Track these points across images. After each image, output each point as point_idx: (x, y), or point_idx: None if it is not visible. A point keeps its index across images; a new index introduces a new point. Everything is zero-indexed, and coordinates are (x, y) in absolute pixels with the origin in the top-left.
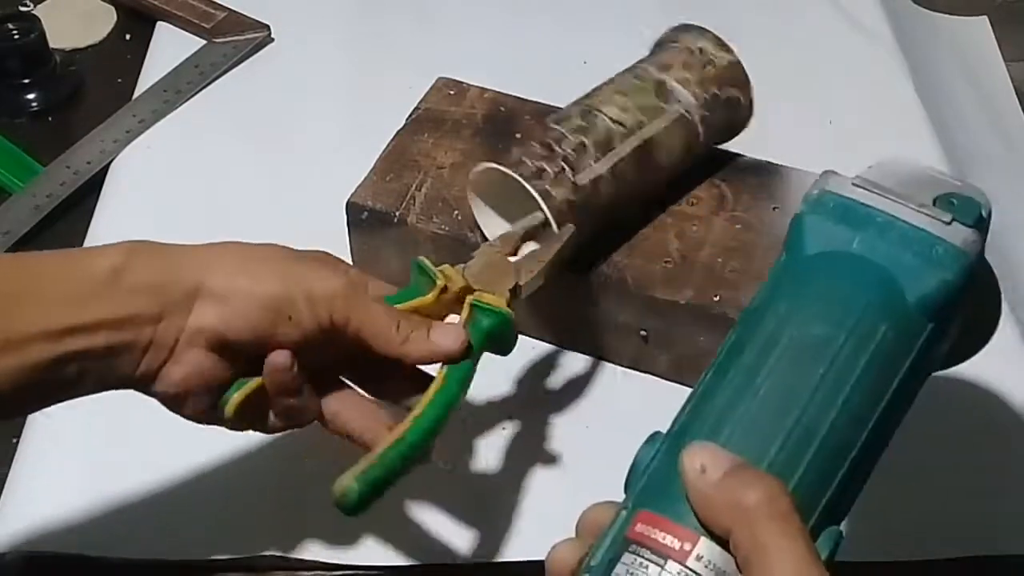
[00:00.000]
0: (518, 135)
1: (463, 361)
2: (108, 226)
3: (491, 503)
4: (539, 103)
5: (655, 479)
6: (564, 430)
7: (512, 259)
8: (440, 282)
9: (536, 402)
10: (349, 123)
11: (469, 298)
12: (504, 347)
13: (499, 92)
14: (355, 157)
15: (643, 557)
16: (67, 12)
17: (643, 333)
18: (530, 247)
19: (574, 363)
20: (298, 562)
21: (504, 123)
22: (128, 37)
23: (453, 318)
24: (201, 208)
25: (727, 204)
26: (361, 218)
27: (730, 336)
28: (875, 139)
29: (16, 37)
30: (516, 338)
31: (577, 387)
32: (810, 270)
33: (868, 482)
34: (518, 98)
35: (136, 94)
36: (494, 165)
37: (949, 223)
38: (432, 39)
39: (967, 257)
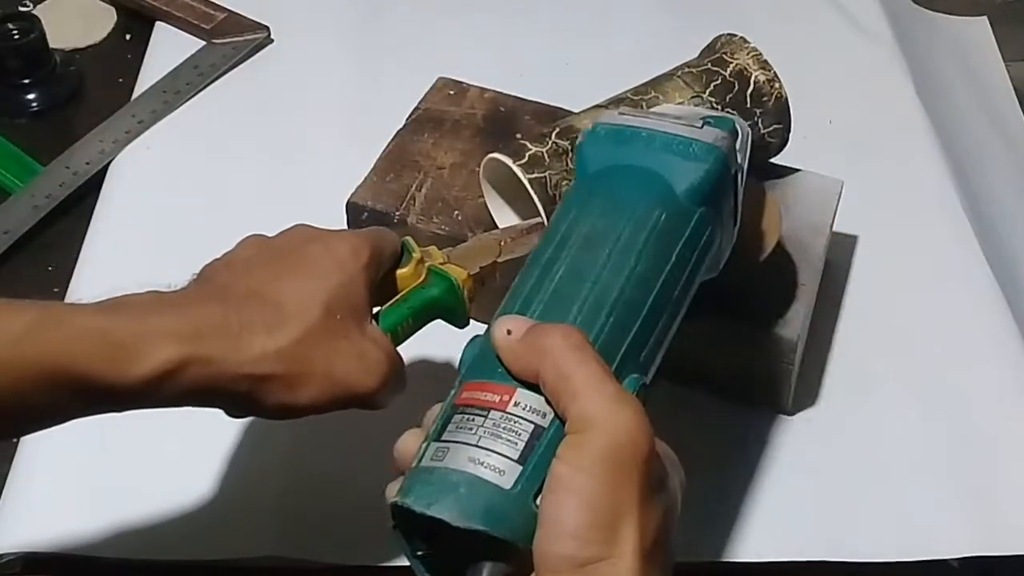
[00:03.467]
0: (518, 135)
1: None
2: (107, 227)
3: None
4: (539, 103)
5: (475, 360)
6: None
7: (500, 242)
8: (416, 255)
9: None
10: (349, 123)
11: (428, 263)
12: (453, 316)
13: (499, 92)
14: (355, 157)
15: (469, 414)
16: (67, 12)
17: None
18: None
19: None
20: (298, 562)
21: (504, 123)
22: (128, 37)
23: None
24: (200, 209)
25: None
26: (361, 218)
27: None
28: (875, 139)
29: (16, 37)
30: (466, 309)
31: None
32: (592, 183)
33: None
34: (518, 98)
35: (135, 95)
36: (498, 156)
37: (701, 127)
38: (432, 39)
39: (719, 150)
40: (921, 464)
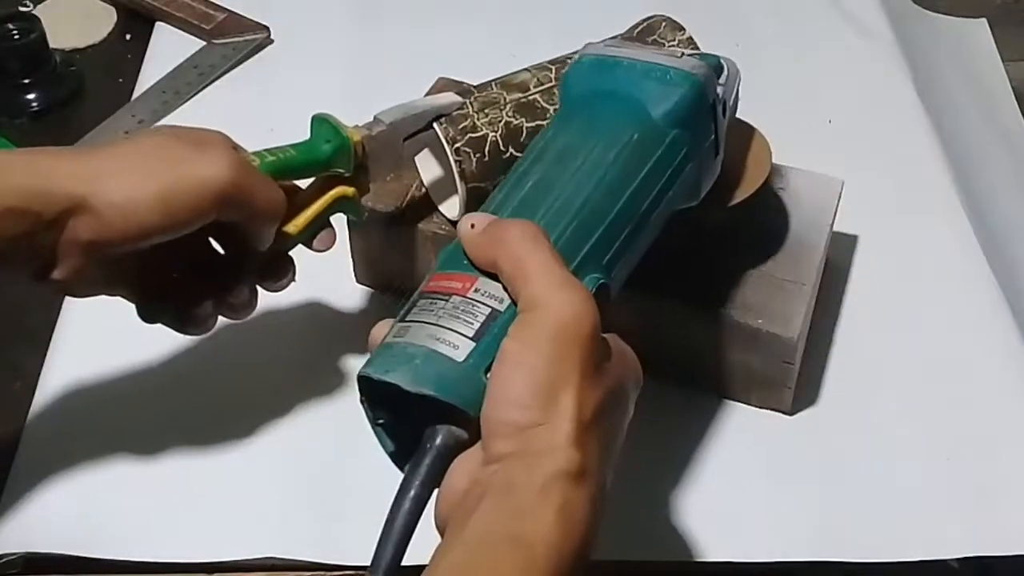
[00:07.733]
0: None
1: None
2: None
3: None
4: None
5: (445, 256)
6: None
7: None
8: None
9: None
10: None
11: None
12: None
13: None
14: None
15: (432, 299)
16: (67, 12)
17: (642, 333)
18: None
19: None
20: (298, 562)
21: None
22: (128, 37)
23: None
24: None
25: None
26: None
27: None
28: (875, 139)
29: (16, 37)
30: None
31: None
32: (573, 107)
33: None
34: None
35: (135, 95)
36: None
37: (680, 57)
38: (432, 39)
39: (695, 77)
40: (921, 464)
